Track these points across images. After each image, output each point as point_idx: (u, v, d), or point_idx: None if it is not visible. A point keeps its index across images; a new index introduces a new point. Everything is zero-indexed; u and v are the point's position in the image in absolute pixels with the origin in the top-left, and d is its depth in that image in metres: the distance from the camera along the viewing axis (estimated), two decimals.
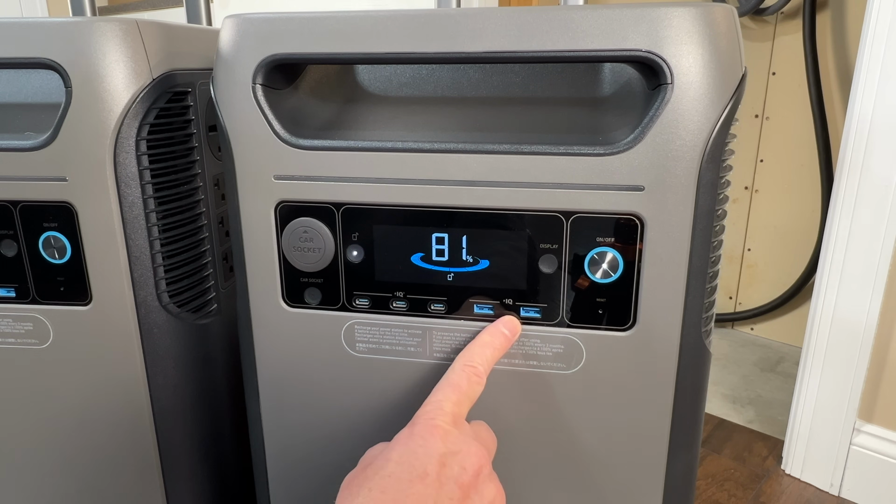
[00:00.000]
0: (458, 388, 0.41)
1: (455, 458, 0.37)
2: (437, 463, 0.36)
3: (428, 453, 0.37)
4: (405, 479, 0.35)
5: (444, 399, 0.40)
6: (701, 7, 0.38)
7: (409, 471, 0.36)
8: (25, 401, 0.54)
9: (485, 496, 0.38)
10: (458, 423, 0.40)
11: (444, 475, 0.36)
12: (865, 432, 0.98)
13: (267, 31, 0.43)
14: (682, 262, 0.42)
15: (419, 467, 0.36)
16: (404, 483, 0.35)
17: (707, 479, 1.05)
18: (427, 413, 0.39)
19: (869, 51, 0.86)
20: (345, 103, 0.49)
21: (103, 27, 0.46)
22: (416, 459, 0.36)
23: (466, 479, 0.37)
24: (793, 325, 1.51)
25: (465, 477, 0.37)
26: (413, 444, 0.37)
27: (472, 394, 0.42)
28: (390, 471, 0.36)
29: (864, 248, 0.91)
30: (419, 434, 0.38)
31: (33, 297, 0.51)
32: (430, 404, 0.40)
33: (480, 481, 0.38)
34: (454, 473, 0.37)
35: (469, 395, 0.41)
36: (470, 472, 0.37)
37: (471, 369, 0.42)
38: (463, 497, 0.36)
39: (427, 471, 0.36)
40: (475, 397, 0.42)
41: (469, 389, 0.41)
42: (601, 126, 0.44)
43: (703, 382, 0.46)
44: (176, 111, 0.51)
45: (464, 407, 0.41)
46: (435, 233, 0.45)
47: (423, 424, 0.38)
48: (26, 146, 0.47)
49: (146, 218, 0.49)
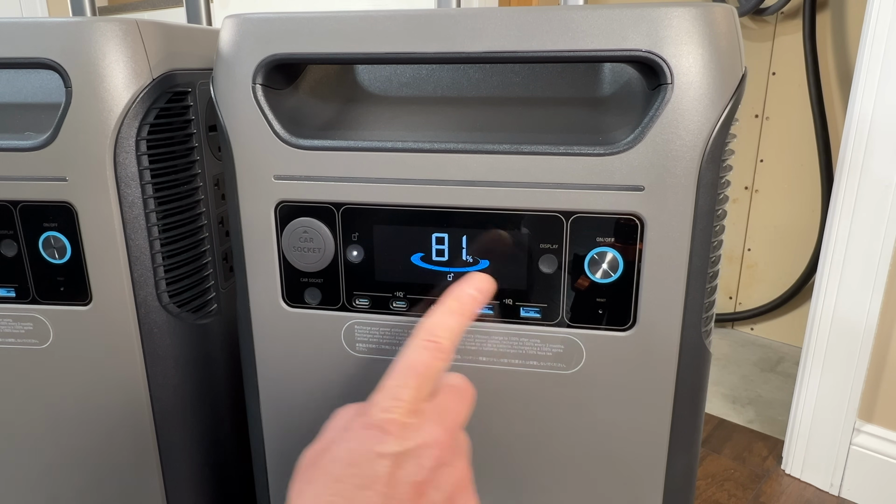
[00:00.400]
0: (415, 370, 0.36)
1: (410, 456, 0.34)
2: (391, 464, 0.33)
3: (381, 454, 0.34)
4: (353, 484, 0.33)
5: (400, 385, 0.35)
6: (701, 7, 0.38)
7: (358, 475, 0.33)
8: (25, 401, 0.54)
9: (443, 487, 0.35)
10: (417, 411, 0.35)
11: (396, 478, 0.33)
12: (865, 432, 0.98)
13: (267, 31, 0.43)
14: (682, 262, 0.42)
15: (370, 472, 0.33)
16: (352, 489, 0.33)
17: (707, 479, 1.05)
18: (380, 403, 0.35)
19: (869, 51, 0.86)
20: (345, 103, 0.49)
21: (103, 27, 0.46)
22: (367, 462, 0.33)
23: (422, 476, 0.34)
24: (793, 325, 1.51)
25: (420, 475, 0.34)
26: (367, 440, 0.34)
27: (434, 374, 0.36)
28: (339, 473, 0.33)
29: (864, 248, 0.91)
30: (373, 432, 0.34)
31: (33, 297, 0.51)
32: (386, 391, 0.36)
33: (439, 474, 0.35)
34: (408, 473, 0.34)
35: (429, 376, 0.36)
36: (427, 467, 0.34)
37: (433, 344, 0.37)
38: (417, 495, 0.33)
39: (378, 475, 0.33)
40: (438, 377, 0.37)
41: (430, 369, 0.36)
42: (601, 126, 0.44)
43: (703, 382, 0.46)
44: (176, 111, 0.51)
45: (424, 391, 0.36)
46: (435, 233, 0.45)
47: (378, 418, 0.35)
48: (26, 146, 0.47)
49: (146, 218, 0.49)
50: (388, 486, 0.33)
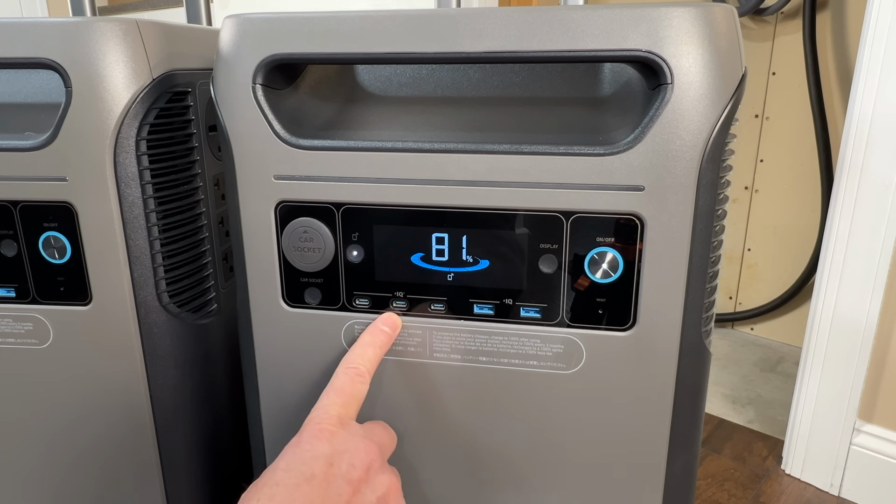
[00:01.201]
0: (342, 392, 0.42)
1: (342, 456, 0.38)
2: (325, 463, 0.37)
3: (314, 456, 0.38)
4: (292, 483, 0.36)
5: (329, 404, 0.41)
6: (701, 7, 0.38)
7: (296, 475, 0.36)
8: (25, 401, 0.54)
9: (377, 488, 0.39)
10: (345, 424, 0.41)
11: (331, 474, 0.37)
12: (865, 432, 0.98)
13: (267, 31, 0.43)
14: (682, 262, 0.42)
15: (306, 471, 0.37)
16: (291, 488, 0.36)
17: (707, 479, 1.05)
18: (313, 419, 0.40)
19: (869, 51, 0.86)
20: (345, 103, 0.49)
21: (103, 27, 0.46)
22: (302, 464, 0.37)
23: (356, 475, 0.38)
24: (793, 325, 1.51)
25: (354, 473, 0.38)
26: (300, 449, 0.38)
27: (358, 394, 0.43)
28: (278, 479, 0.36)
29: (864, 248, 0.91)
30: (306, 440, 0.39)
31: (33, 297, 0.51)
32: (317, 410, 0.41)
33: (371, 475, 0.39)
34: (342, 471, 0.38)
35: (354, 395, 0.43)
36: (359, 468, 0.38)
37: (353, 370, 0.43)
38: (353, 492, 0.37)
39: (314, 472, 0.37)
40: (361, 397, 0.43)
41: (353, 391, 0.43)
42: (601, 126, 0.44)
43: (703, 382, 0.46)
44: (176, 111, 0.51)
45: (351, 408, 0.42)
46: (435, 233, 0.45)
47: (310, 430, 0.39)
48: (26, 146, 0.47)
49: (146, 218, 0.49)
50: (325, 481, 0.37)
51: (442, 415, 0.49)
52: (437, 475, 0.51)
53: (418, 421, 0.50)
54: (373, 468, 0.39)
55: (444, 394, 0.48)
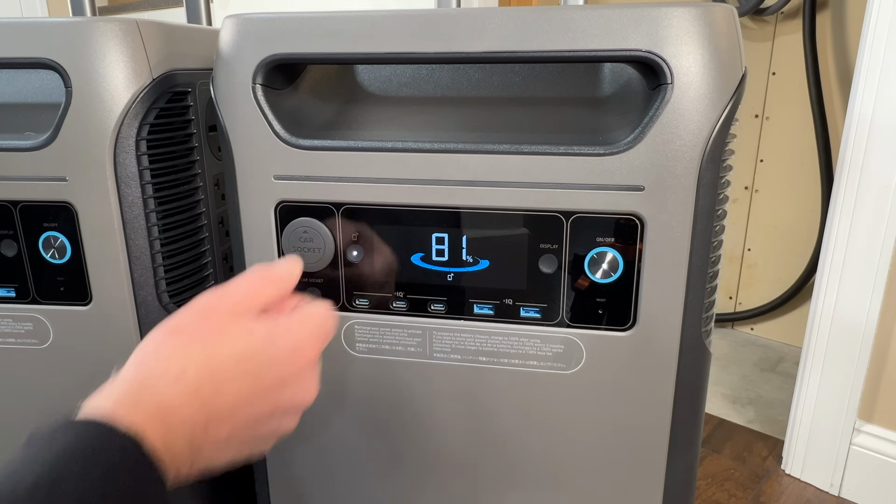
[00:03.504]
0: None
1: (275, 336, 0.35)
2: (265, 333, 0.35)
3: (250, 329, 0.35)
4: None
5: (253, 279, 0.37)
6: (701, 7, 0.38)
7: None
8: (25, 401, 0.54)
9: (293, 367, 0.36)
10: None
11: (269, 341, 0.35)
12: (865, 432, 0.98)
13: (267, 31, 0.43)
14: (682, 262, 0.42)
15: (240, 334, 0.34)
16: None
17: (707, 479, 1.05)
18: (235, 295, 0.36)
19: (869, 51, 0.86)
20: (345, 103, 0.49)
21: (103, 27, 0.46)
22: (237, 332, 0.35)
23: (290, 342, 0.35)
24: (793, 325, 1.50)
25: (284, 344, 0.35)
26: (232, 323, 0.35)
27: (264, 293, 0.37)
28: None
29: (864, 248, 0.91)
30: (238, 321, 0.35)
31: (33, 297, 0.51)
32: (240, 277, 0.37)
33: (294, 356, 0.36)
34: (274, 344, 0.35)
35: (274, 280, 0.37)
36: (284, 348, 0.35)
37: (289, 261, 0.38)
38: None
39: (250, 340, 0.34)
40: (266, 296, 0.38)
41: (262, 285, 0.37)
42: (601, 126, 0.44)
43: (703, 382, 0.46)
44: (176, 111, 0.51)
45: None
46: (435, 233, 0.45)
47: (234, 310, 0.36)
48: (26, 146, 0.47)
49: (146, 218, 0.49)
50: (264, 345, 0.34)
51: (442, 415, 0.49)
52: (438, 474, 0.51)
53: (418, 421, 0.50)
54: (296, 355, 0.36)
55: (444, 394, 0.48)
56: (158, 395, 0.33)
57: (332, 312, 0.39)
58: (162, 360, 0.34)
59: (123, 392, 0.33)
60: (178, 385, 0.33)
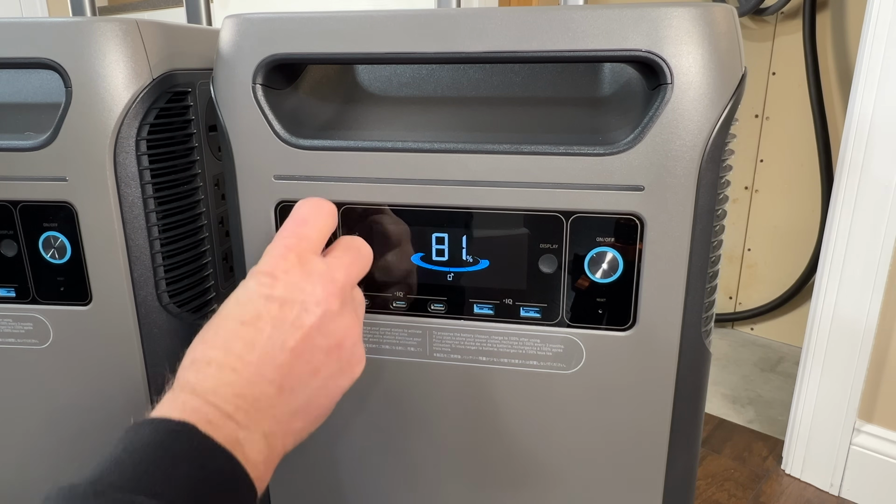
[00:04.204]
0: (304, 222, 0.39)
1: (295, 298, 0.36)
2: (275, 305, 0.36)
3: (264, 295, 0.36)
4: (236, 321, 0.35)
5: (288, 235, 0.39)
6: (701, 7, 0.38)
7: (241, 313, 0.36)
8: (25, 401, 0.54)
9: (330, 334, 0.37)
10: (304, 260, 0.38)
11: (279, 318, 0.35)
12: (865, 432, 0.98)
13: (267, 31, 0.43)
14: (682, 262, 0.42)
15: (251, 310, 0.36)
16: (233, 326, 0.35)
17: (707, 479, 1.05)
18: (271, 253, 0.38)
19: (869, 51, 0.86)
20: (345, 103, 0.49)
21: (103, 27, 0.46)
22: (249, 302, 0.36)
23: (308, 320, 0.36)
24: (793, 325, 1.51)
25: (306, 318, 0.36)
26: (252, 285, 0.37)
27: (323, 226, 0.40)
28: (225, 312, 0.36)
29: (864, 248, 0.91)
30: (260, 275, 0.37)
31: (33, 297, 0.51)
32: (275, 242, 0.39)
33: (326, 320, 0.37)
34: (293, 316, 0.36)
35: (318, 227, 0.40)
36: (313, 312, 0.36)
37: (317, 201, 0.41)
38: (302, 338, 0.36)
39: (260, 313, 0.35)
40: (327, 229, 0.40)
41: (318, 222, 0.40)
42: (601, 126, 0.44)
43: (703, 382, 0.46)
44: (176, 111, 0.51)
45: (313, 241, 0.39)
46: (435, 233, 0.45)
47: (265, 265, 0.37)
48: (26, 146, 0.47)
49: (146, 218, 0.49)
50: (270, 324, 0.35)
51: (442, 415, 0.49)
52: (438, 475, 0.51)
53: (418, 421, 0.50)
54: (329, 313, 0.37)
55: (444, 394, 0.48)
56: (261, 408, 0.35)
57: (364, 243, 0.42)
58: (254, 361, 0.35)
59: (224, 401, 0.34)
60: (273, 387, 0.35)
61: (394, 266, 0.46)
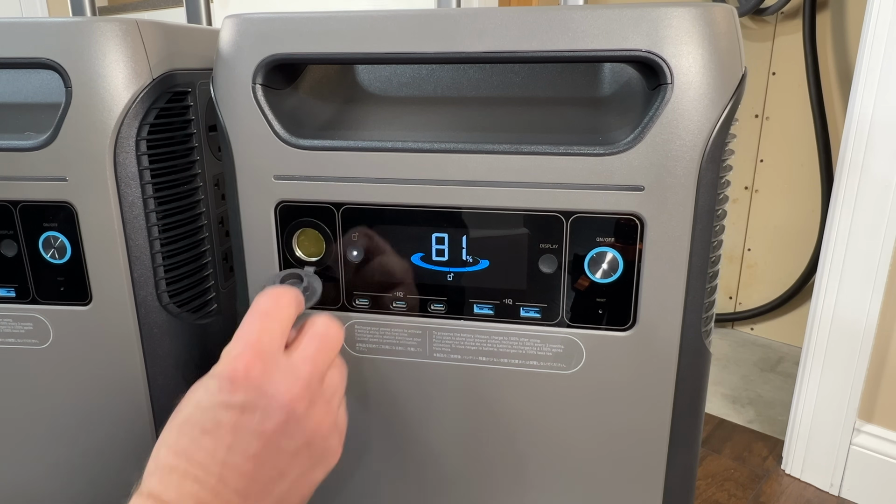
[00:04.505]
0: (266, 315, 0.38)
1: (256, 404, 0.35)
2: (235, 412, 0.34)
3: (223, 403, 0.35)
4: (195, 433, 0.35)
5: (248, 331, 0.37)
6: (701, 7, 0.38)
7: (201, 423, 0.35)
8: (25, 401, 0.54)
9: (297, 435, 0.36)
10: (266, 357, 0.36)
11: (240, 425, 0.34)
12: (865, 432, 0.98)
13: (267, 31, 0.43)
14: (682, 262, 0.42)
15: (211, 419, 0.35)
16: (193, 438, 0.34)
17: (707, 479, 1.05)
18: (230, 353, 0.37)
19: (869, 51, 0.86)
20: (345, 103, 0.49)
21: (103, 27, 0.46)
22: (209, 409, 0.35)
23: (269, 426, 0.35)
24: (793, 325, 1.50)
25: (267, 424, 0.35)
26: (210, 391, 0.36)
27: (284, 317, 0.38)
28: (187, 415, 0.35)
29: (864, 248, 0.91)
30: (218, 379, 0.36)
31: (33, 297, 0.51)
32: (235, 340, 0.37)
33: (290, 424, 0.36)
34: (254, 422, 0.35)
35: (280, 319, 0.38)
36: (275, 417, 0.35)
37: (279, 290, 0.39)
38: (263, 445, 0.34)
39: (220, 421, 0.34)
40: (288, 320, 0.39)
41: (279, 313, 0.38)
42: (601, 126, 0.44)
43: (703, 382, 0.46)
44: (176, 111, 0.51)
45: (275, 336, 0.37)
46: (435, 233, 0.45)
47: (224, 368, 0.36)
48: (26, 146, 0.47)
49: (146, 218, 0.49)
50: (231, 433, 0.34)
51: (442, 415, 0.49)
52: (437, 475, 0.51)
53: (418, 421, 0.50)
54: (293, 415, 0.35)
55: (444, 394, 0.48)
56: None
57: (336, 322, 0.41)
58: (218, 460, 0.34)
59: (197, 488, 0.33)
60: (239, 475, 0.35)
61: (393, 266, 0.46)
